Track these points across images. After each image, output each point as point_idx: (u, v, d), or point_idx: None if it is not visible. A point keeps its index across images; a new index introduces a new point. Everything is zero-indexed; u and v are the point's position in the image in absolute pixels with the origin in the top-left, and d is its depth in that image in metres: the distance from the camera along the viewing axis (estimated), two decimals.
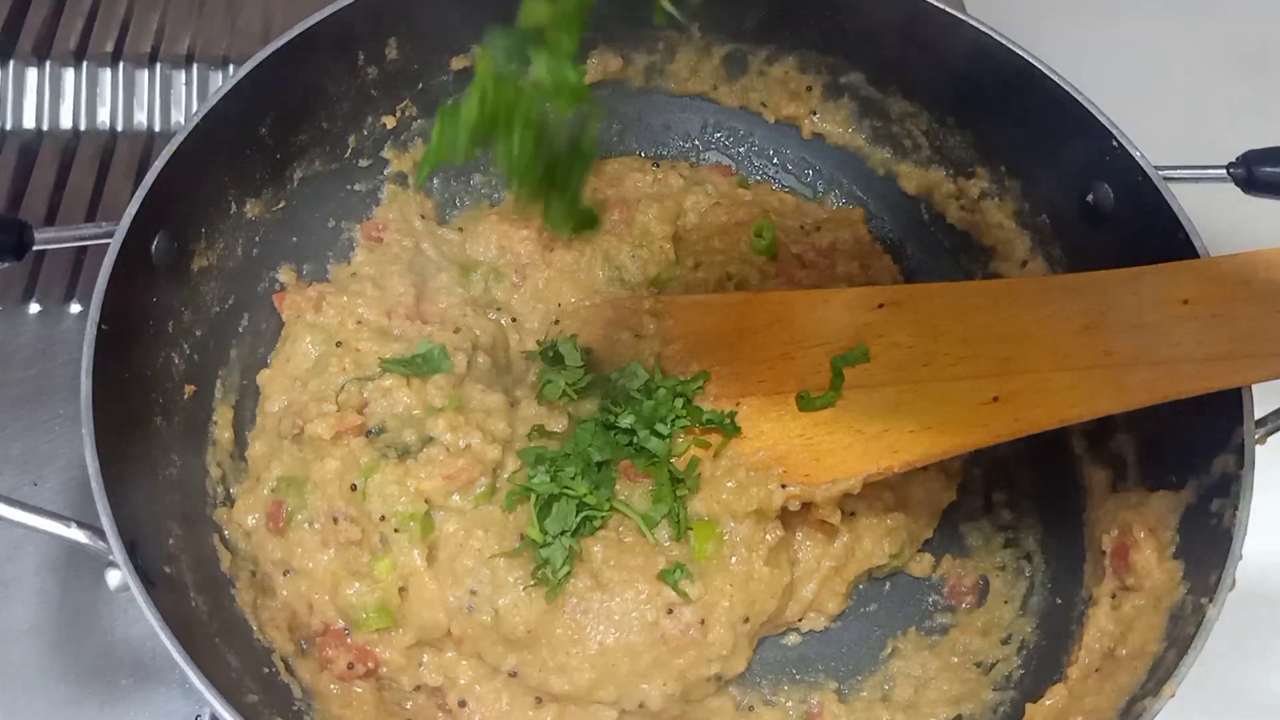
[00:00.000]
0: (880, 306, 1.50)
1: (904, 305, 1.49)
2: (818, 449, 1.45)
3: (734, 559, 1.46)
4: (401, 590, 1.43)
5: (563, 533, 1.42)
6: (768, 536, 1.46)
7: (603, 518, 1.46)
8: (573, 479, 1.45)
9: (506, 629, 1.41)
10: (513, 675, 1.44)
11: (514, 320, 1.72)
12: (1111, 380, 1.32)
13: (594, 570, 1.44)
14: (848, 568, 1.57)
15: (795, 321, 1.54)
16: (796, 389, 1.49)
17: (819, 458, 1.45)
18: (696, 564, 1.45)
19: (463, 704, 1.45)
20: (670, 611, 1.42)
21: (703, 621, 1.43)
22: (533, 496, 1.44)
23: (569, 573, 1.42)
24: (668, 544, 1.46)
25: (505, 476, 1.49)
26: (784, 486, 1.44)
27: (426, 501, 1.45)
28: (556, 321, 1.71)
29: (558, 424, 1.54)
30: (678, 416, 1.50)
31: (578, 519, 1.43)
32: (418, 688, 1.48)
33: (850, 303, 1.53)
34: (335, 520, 1.46)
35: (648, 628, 1.42)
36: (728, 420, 1.48)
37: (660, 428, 1.48)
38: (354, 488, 1.46)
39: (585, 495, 1.44)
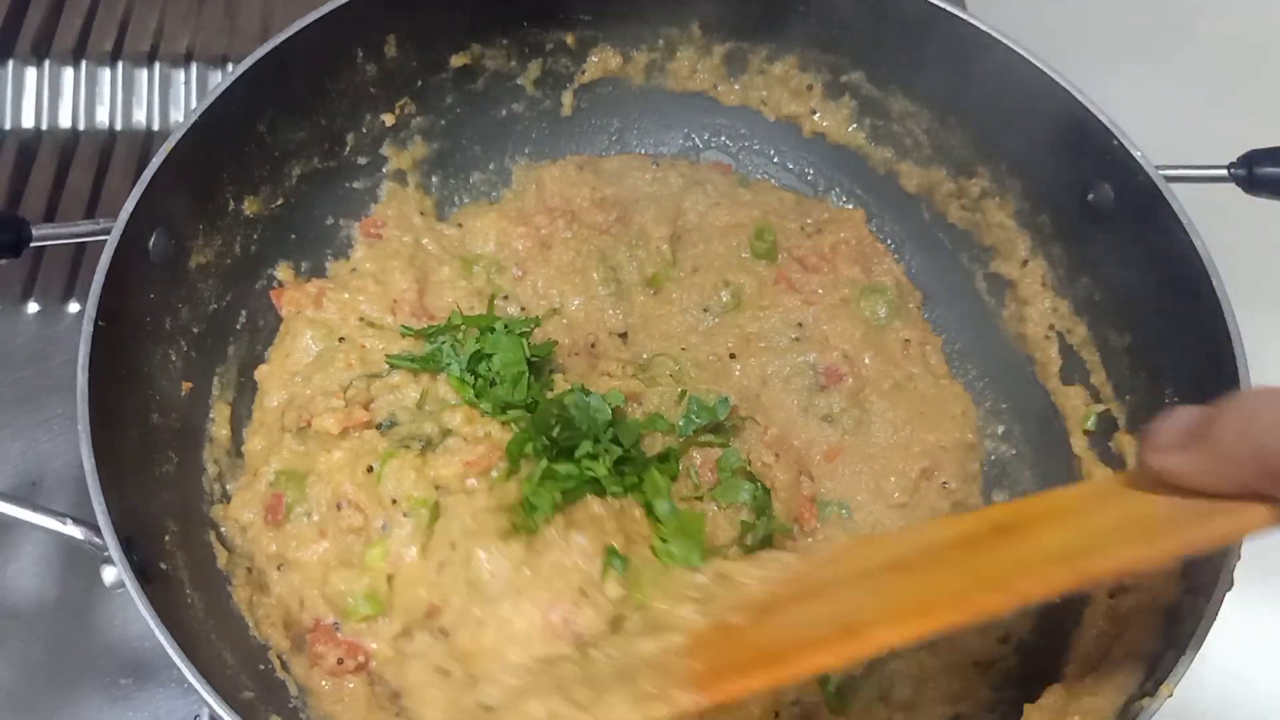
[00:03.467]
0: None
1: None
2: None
3: None
4: (390, 578, 1.41)
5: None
6: None
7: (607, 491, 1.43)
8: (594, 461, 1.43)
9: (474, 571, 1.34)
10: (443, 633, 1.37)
11: (522, 309, 1.72)
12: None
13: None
14: None
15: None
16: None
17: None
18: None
19: None
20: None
21: None
22: (541, 462, 1.41)
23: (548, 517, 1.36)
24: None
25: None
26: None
27: (438, 488, 1.43)
28: (556, 310, 1.72)
29: None
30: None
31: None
32: None
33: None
34: (339, 507, 1.45)
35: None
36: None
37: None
38: (370, 469, 1.44)
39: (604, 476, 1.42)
